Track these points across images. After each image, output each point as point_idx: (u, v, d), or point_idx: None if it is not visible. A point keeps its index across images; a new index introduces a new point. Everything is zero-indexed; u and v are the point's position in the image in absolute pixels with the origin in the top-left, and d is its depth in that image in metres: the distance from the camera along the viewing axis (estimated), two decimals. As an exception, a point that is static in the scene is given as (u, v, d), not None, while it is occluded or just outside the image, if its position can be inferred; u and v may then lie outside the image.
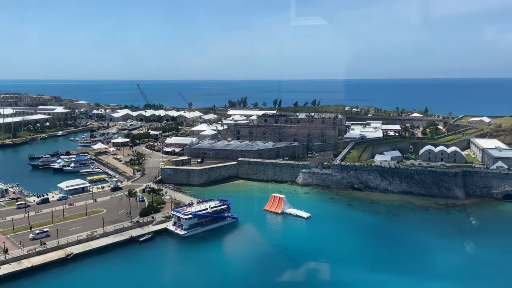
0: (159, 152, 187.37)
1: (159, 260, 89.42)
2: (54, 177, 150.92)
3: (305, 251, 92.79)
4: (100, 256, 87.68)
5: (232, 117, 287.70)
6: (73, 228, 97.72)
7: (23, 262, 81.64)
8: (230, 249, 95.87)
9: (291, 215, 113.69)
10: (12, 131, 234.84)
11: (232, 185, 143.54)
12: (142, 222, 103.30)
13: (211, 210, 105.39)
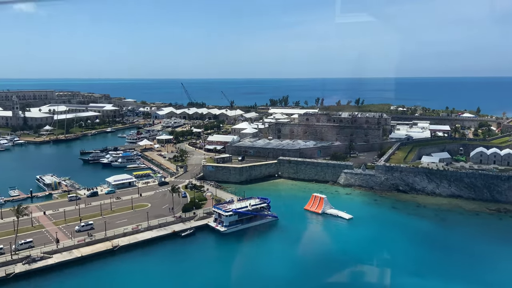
0: (201, 149, 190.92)
1: (200, 255, 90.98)
2: (103, 172, 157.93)
3: (347, 252, 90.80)
4: (144, 249, 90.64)
5: (273, 116, 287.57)
6: (120, 221, 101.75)
7: (73, 252, 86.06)
8: (269, 247, 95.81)
9: (332, 216, 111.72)
10: (65, 127, 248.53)
11: (272, 184, 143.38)
12: (184, 217, 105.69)
13: (251, 208, 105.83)
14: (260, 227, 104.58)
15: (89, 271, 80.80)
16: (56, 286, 75.30)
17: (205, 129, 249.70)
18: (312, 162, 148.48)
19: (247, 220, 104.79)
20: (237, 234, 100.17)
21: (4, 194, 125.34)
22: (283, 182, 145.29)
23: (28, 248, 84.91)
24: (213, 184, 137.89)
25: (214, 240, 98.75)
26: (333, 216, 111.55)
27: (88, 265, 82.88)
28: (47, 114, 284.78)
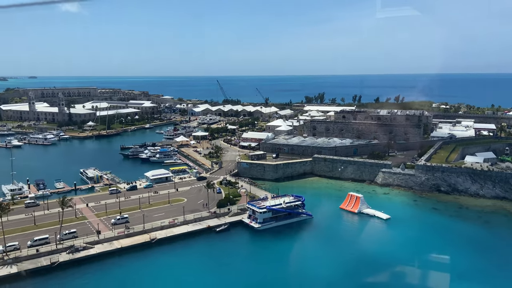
0: (235, 146, 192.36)
1: (234, 250, 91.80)
2: (142, 167, 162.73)
3: (384, 253, 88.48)
4: (180, 242, 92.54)
5: (308, 113, 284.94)
6: (157, 215, 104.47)
7: (114, 243, 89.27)
8: (303, 245, 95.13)
9: (369, 216, 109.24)
10: (107, 123, 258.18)
11: (307, 182, 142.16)
12: (219, 213, 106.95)
13: (285, 206, 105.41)
14: (294, 225, 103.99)
15: (128, 262, 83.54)
16: (97, 275, 78.40)
17: (239, 126, 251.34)
18: (348, 161, 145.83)
19: (281, 217, 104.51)
20: (271, 231, 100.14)
21: (50, 186, 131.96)
22: (318, 181, 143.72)
23: (72, 238, 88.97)
24: (248, 180, 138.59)
25: (248, 236, 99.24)
26: (370, 216, 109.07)
27: (127, 256, 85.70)
28: (90, 110, 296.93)
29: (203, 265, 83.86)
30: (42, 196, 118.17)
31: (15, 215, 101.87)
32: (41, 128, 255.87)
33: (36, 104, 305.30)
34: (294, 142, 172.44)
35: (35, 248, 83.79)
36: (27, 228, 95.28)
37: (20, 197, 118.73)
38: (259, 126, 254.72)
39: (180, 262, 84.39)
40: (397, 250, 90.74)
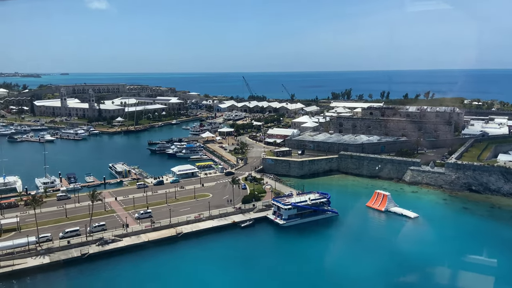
0: (261, 142, 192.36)
1: (259, 246, 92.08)
2: (168, 162, 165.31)
3: (411, 253, 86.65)
4: (206, 237, 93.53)
5: (334, 110, 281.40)
6: (183, 209, 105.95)
7: (141, 236, 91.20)
8: (329, 243, 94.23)
9: (396, 214, 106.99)
10: (135, 119, 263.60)
11: (333, 179, 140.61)
12: (244, 208, 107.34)
13: (310, 203, 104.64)
14: (319, 222, 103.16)
15: (155, 255, 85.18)
16: (126, 267, 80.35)
17: (265, 122, 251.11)
18: (375, 158, 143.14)
19: (306, 214, 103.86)
20: (296, 228, 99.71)
21: (81, 180, 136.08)
22: (344, 178, 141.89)
23: (101, 231, 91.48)
24: (273, 177, 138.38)
25: (273, 233, 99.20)
26: (397, 214, 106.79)
27: (154, 249, 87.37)
28: (119, 106, 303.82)
29: (228, 260, 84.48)
30: (73, 190, 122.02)
31: (47, 208, 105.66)
32: (72, 124, 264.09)
33: (68, 100, 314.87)
34: (320, 139, 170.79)
35: (67, 240, 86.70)
36: (59, 220, 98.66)
37: (53, 190, 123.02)
38: (285, 122, 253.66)
39: (205, 256, 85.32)
40: (425, 249, 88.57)
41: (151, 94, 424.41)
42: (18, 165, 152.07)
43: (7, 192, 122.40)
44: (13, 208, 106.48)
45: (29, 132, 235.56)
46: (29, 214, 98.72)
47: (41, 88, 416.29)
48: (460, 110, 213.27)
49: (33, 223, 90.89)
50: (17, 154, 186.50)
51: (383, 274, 78.31)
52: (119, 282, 74.76)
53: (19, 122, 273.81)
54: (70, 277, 76.57)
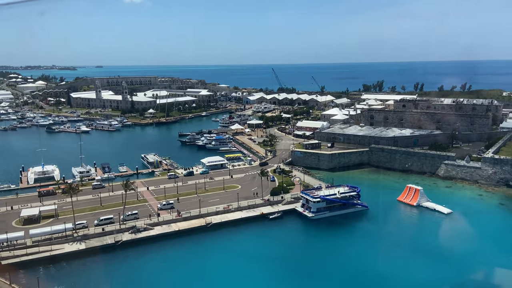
0: (290, 134, 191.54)
1: (287, 238, 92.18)
2: (198, 153, 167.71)
3: (444, 249, 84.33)
4: (234, 228, 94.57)
5: (366, 102, 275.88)
6: (212, 200, 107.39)
7: (172, 225, 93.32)
8: (358, 237, 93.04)
9: (428, 209, 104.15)
10: (166, 111, 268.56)
11: (363, 172, 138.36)
12: (272, 200, 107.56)
13: (340, 196, 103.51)
14: (349, 216, 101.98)
15: (185, 244, 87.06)
16: (157, 255, 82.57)
17: (294, 114, 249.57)
18: (407, 152, 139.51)
19: (335, 207, 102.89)
20: (324, 221, 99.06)
21: (115, 170, 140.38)
22: (374, 171, 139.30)
23: (134, 219, 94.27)
24: (301, 169, 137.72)
25: (301, 225, 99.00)
26: (430, 209, 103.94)
27: (184, 238, 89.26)
28: (151, 98, 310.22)
29: (257, 250, 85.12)
30: (107, 179, 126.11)
31: (83, 196, 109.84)
32: (106, 115, 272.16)
33: (102, 92, 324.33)
34: (350, 132, 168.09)
35: (101, 227, 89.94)
36: (94, 208, 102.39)
37: (88, 179, 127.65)
38: (314, 115, 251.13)
39: (234, 247, 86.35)
40: (459, 246, 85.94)
41: (181, 87, 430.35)
42: (56, 154, 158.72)
43: (45, 181, 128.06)
44: (51, 196, 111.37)
45: (66, 123, 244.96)
46: (66, 201, 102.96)
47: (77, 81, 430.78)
48: (499, 102, 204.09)
49: (70, 210, 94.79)
50: (55, 144, 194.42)
51: (414, 270, 76.63)
52: (150, 269, 76.94)
53: (57, 113, 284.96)
54: (104, 263, 79.49)
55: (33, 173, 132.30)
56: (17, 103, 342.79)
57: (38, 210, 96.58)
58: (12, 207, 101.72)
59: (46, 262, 77.54)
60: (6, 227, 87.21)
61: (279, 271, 77.28)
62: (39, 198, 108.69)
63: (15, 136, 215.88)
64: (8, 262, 75.25)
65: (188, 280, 73.28)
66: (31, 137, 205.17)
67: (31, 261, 76.67)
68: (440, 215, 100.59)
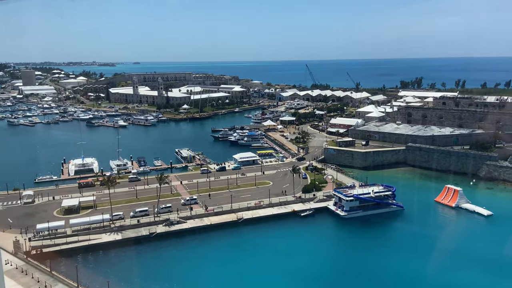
0: (323, 132, 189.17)
1: (318, 236, 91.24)
2: (230, 149, 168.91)
3: (483, 252, 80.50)
4: (265, 224, 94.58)
5: (403, 99, 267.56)
6: (244, 196, 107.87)
7: (204, 219, 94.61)
8: (392, 237, 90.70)
9: (468, 211, 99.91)
10: (200, 107, 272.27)
11: (399, 172, 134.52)
12: (304, 198, 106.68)
13: (374, 195, 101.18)
14: (383, 216, 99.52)
15: (216, 238, 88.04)
16: (189, 247, 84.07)
17: (328, 111, 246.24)
18: (447, 151, 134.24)
19: (369, 207, 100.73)
20: (357, 220, 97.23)
21: (150, 164, 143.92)
22: (411, 171, 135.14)
23: (168, 212, 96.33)
24: (334, 167, 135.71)
25: (333, 224, 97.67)
26: (469, 211, 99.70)
27: (216, 232, 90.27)
28: (185, 94, 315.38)
29: (287, 247, 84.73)
30: (143, 172, 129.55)
31: (120, 188, 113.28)
32: (143, 110, 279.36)
33: (139, 88, 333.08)
34: (386, 130, 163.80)
35: (137, 219, 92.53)
36: (130, 200, 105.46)
37: (125, 172, 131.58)
38: (349, 112, 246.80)
39: (265, 243, 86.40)
40: (498, 249, 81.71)
41: (215, 83, 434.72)
42: (95, 147, 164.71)
43: (85, 173, 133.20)
44: (90, 187, 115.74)
45: (105, 118, 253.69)
46: (104, 193, 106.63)
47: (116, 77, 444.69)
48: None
49: (107, 202, 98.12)
50: (94, 137, 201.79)
51: (451, 274, 73.68)
52: (182, 261, 78.43)
53: (96, 108, 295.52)
54: (139, 254, 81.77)
55: (74, 165, 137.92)
56: (59, 97, 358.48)
57: (78, 200, 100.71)
58: (54, 197, 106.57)
59: (85, 251, 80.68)
60: (48, 217, 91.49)
61: (309, 268, 76.56)
62: (79, 190, 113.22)
63: (58, 130, 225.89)
64: (49, 250, 78.90)
65: (219, 273, 74.11)
66: (72, 131, 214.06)
67: (71, 250, 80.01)
68: (479, 217, 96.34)
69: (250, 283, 71.64)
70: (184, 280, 71.45)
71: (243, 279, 72.57)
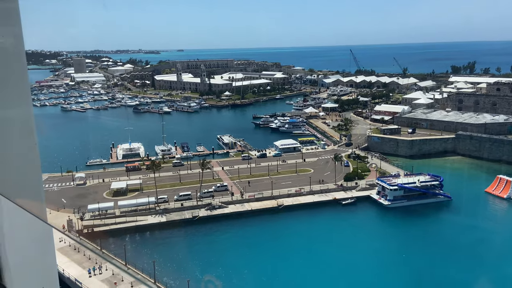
0: (367, 119, 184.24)
1: (360, 225, 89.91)
2: (271, 136, 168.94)
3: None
4: (306, 211, 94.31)
5: (454, 85, 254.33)
6: (284, 183, 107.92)
7: (245, 205, 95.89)
8: (438, 229, 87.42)
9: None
10: (241, 93, 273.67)
11: (447, 161, 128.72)
12: (346, 186, 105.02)
13: (419, 185, 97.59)
14: (428, 206, 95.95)
15: (257, 223, 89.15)
16: (230, 231, 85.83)
17: (372, 98, 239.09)
18: (500, 140, 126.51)
19: (414, 196, 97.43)
20: (401, 210, 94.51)
21: (193, 149, 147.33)
22: (460, 160, 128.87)
23: (209, 197, 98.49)
24: (378, 155, 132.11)
25: (376, 213, 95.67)
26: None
27: (256, 218, 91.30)
28: (227, 81, 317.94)
29: (328, 235, 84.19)
30: (186, 157, 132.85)
31: (164, 172, 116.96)
32: (186, 97, 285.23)
33: (182, 75, 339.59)
34: (434, 117, 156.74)
35: (180, 202, 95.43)
36: (174, 184, 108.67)
37: (169, 157, 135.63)
38: (394, 98, 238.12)
39: (305, 230, 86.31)
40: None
41: (256, 69, 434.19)
42: (141, 133, 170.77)
43: (132, 157, 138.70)
44: (137, 171, 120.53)
45: (150, 104, 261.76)
46: (150, 177, 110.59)
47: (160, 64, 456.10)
48: None
49: (152, 185, 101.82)
50: (140, 123, 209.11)
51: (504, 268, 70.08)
52: (223, 244, 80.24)
53: (142, 95, 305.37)
54: (182, 236, 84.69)
55: (122, 150, 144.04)
56: (108, 84, 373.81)
57: (125, 183, 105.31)
58: (103, 179, 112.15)
59: (132, 231, 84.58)
60: (98, 198, 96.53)
61: (350, 257, 75.72)
62: (127, 173, 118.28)
63: (106, 116, 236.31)
64: (99, 230, 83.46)
65: (258, 257, 75.20)
66: (120, 117, 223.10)
67: (119, 230, 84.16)
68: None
69: (289, 269, 72.09)
70: (224, 262, 73.16)
71: (282, 265, 73.13)
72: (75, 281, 64.23)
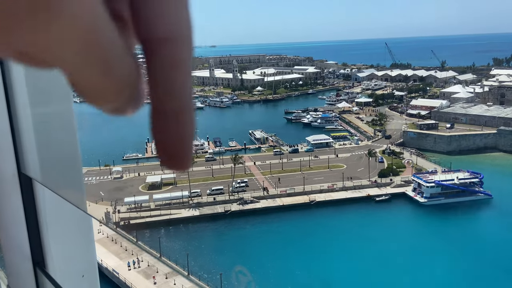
0: (402, 114, 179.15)
1: (395, 222, 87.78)
2: (303, 131, 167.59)
3: None
4: (338, 207, 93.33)
5: (496, 78, 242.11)
6: (317, 178, 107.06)
7: (276, 200, 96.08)
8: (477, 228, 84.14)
9: None
10: (273, 88, 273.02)
11: (488, 157, 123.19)
12: (380, 182, 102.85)
13: (458, 182, 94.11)
14: (467, 204, 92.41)
15: (288, 218, 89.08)
16: (262, 226, 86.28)
17: (408, 92, 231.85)
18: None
19: (452, 194, 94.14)
20: (438, 207, 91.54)
21: (225, 144, 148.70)
22: (502, 157, 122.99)
23: (242, 191, 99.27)
24: (414, 151, 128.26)
25: (411, 211, 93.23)
26: None
27: (288, 213, 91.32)
28: (259, 76, 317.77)
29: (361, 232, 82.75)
30: (219, 152, 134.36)
31: (198, 167, 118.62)
32: (218, 92, 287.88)
33: (215, 70, 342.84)
34: (474, 112, 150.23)
35: (213, 197, 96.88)
36: (206, 179, 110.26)
37: (202, 152, 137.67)
38: (432, 92, 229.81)
39: (337, 226, 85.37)
40: None
41: (288, 64, 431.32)
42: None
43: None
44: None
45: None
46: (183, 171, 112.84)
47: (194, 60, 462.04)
48: None
49: (186, 179, 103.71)
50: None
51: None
52: (255, 238, 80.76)
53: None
54: (214, 229, 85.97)
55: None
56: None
57: (160, 177, 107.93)
58: (139, 173, 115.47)
59: (166, 224, 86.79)
60: (134, 191, 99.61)
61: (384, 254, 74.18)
62: (161, 167, 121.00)
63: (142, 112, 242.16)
64: (135, 222, 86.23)
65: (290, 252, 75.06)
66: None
67: (154, 222, 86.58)
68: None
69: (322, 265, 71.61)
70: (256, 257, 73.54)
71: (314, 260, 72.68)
72: (112, 271, 66.80)
